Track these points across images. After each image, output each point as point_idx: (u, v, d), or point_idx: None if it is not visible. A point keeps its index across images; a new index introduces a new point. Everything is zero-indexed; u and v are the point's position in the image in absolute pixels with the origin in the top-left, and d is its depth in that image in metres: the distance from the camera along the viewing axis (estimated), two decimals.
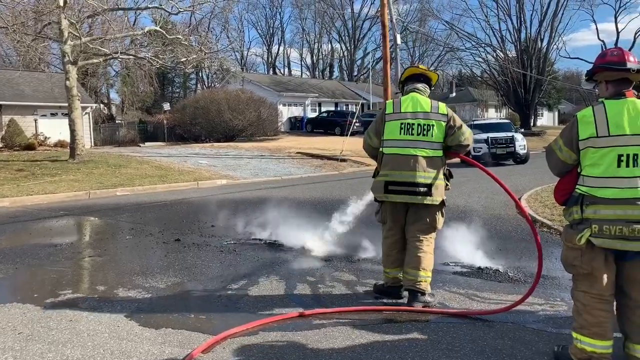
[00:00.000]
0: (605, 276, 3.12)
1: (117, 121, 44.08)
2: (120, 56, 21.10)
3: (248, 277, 5.37)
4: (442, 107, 4.52)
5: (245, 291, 4.91)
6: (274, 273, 5.50)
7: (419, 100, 4.52)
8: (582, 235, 3.11)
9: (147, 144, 32.66)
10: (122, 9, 20.58)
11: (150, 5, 20.95)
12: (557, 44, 49.58)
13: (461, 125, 4.51)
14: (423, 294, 4.37)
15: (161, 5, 20.79)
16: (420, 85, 4.66)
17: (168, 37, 21.30)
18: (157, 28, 21.21)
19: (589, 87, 3.63)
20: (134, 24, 33.83)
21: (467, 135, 4.52)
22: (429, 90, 4.70)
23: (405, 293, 4.53)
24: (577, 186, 3.22)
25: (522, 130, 33.39)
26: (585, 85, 4.82)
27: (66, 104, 19.37)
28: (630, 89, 3.17)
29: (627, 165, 3.04)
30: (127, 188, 14.37)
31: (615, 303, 3.22)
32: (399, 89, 5.12)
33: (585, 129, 3.14)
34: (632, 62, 3.15)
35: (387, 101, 4.71)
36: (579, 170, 3.24)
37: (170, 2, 20.78)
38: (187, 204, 11.43)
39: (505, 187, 4.41)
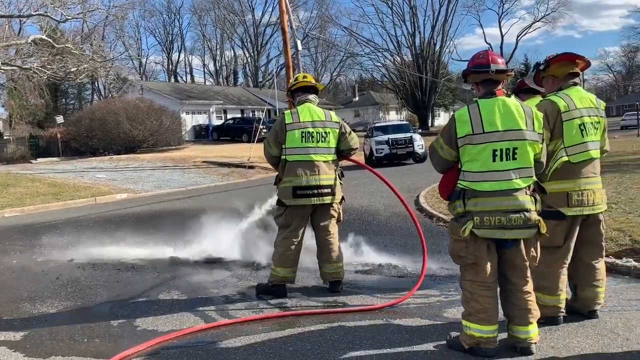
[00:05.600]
0: (488, 264, 3.32)
1: (4, 137, 40.79)
2: (2, 67, 19.54)
3: (147, 295, 5.15)
4: (334, 116, 4.97)
5: (144, 309, 4.70)
6: (175, 287, 5.33)
7: (315, 110, 4.89)
8: (466, 227, 3.29)
9: (39, 160, 30.46)
10: (2, 16, 19.07)
11: (34, 13, 19.61)
12: (449, 47, 52.64)
13: (350, 131, 4.99)
14: (340, 282, 4.92)
15: (47, 13, 19.53)
16: (311, 97, 5.01)
17: (56, 45, 20.06)
18: (44, 37, 19.92)
19: (468, 88, 4.00)
20: (18, 33, 31.50)
21: (356, 140, 5.03)
22: (317, 100, 5.06)
23: (289, 288, 4.93)
24: (458, 181, 3.40)
25: (421, 130, 35.01)
26: (465, 87, 5.14)
27: None
28: (500, 87, 3.40)
29: (501, 159, 3.26)
30: (17, 208, 13.34)
31: (499, 289, 3.44)
32: (288, 96, 5.29)
33: (463, 127, 3.33)
34: (499, 63, 3.38)
35: (284, 112, 4.93)
36: (459, 167, 3.42)
37: (58, 9, 19.60)
38: (83, 222, 10.78)
39: (391, 186, 5.00)
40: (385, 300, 4.61)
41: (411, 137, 21.44)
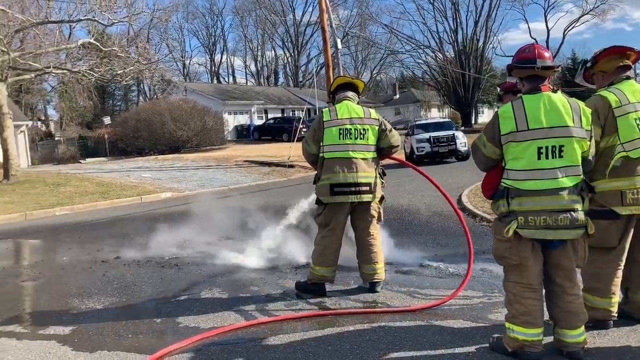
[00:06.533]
0: (533, 266, 3.21)
1: (56, 138, 42.49)
2: (53, 71, 20.30)
3: (189, 292, 5.24)
4: (373, 113, 4.88)
5: (186, 306, 4.79)
6: (217, 285, 5.40)
7: (353, 107, 4.82)
8: (510, 227, 3.19)
9: (88, 160, 31.60)
10: (51, 22, 19.80)
11: (82, 18, 20.27)
12: (492, 43, 51.43)
13: (391, 129, 4.88)
14: (380, 282, 4.84)
15: (94, 17, 20.15)
16: (350, 94, 4.95)
17: (103, 49, 20.69)
18: (92, 40, 20.57)
19: (514, 82, 4.02)
20: (69, 38, 32.67)
21: (397, 137, 4.91)
22: (357, 98, 4.99)
23: (328, 287, 4.91)
24: (502, 180, 3.31)
25: (463, 128, 34.34)
26: (510, 80, 5.04)
27: None
28: (546, 83, 3.29)
29: (547, 157, 3.15)
30: (67, 207, 13.83)
31: (544, 291, 3.33)
32: (329, 99, 5.25)
33: (506, 124, 3.23)
34: (545, 58, 3.26)
35: (323, 109, 4.87)
36: (503, 165, 3.33)
37: (105, 14, 20.20)
38: (129, 220, 11.10)
39: (436, 184, 4.82)
40: (426, 301, 4.54)
41: (453, 134, 21.08)
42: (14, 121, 19.60)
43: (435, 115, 56.88)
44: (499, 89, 5.03)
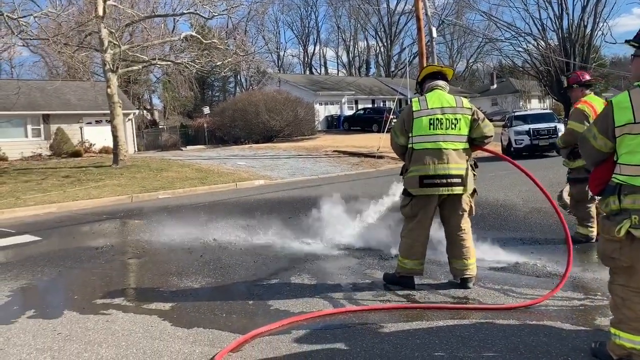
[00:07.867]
0: None
1: (159, 126, 45.28)
2: (159, 62, 21.57)
3: (280, 276, 5.38)
4: (466, 102, 4.70)
5: (277, 290, 4.92)
6: (306, 271, 5.50)
7: (444, 96, 4.68)
8: (621, 226, 2.94)
9: (188, 147, 33.37)
10: (157, 16, 21.02)
11: (185, 11, 21.32)
12: (601, 29, 47.53)
13: (484, 118, 4.68)
14: (472, 278, 4.68)
15: (196, 11, 21.13)
16: (441, 83, 4.80)
17: (204, 41, 21.65)
18: (193, 33, 21.59)
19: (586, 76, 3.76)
20: (172, 31, 34.47)
21: (490, 127, 4.71)
22: (448, 87, 4.84)
23: (417, 281, 4.83)
24: (613, 175, 3.06)
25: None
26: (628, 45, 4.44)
27: (109, 111, 19.94)
28: None
29: None
30: (169, 191, 14.69)
31: None
32: (416, 90, 5.11)
33: (622, 114, 2.98)
34: None
35: (412, 99, 4.74)
36: (615, 159, 3.08)
37: (206, 7, 21.10)
38: (225, 205, 11.59)
39: (533, 178, 4.69)
40: (520, 300, 4.33)
41: (555, 127, 19.87)
42: (122, 110, 21.07)
43: (535, 106, 53.97)
44: (565, 81, 4.76)
